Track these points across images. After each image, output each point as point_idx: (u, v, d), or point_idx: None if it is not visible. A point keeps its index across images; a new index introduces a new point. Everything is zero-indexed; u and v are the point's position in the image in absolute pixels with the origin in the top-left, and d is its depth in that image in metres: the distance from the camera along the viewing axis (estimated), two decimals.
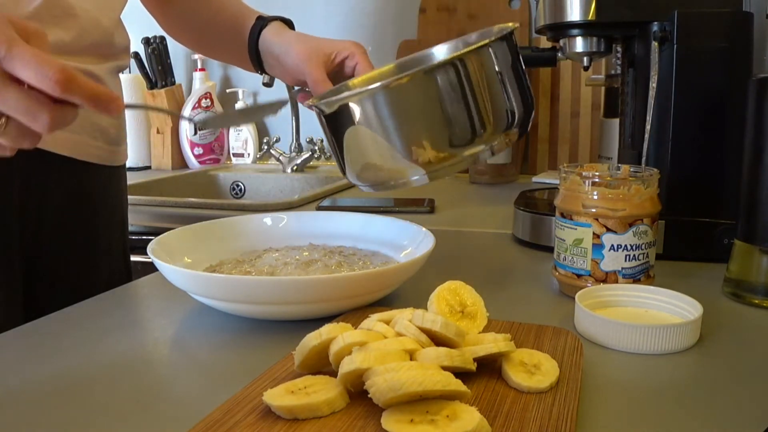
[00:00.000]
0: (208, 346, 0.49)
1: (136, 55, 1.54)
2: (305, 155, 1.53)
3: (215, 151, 1.65)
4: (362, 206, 1.01)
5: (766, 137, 0.55)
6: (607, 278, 0.56)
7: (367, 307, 0.53)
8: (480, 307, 0.45)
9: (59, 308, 0.57)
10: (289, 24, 0.82)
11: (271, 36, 0.80)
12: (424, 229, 0.62)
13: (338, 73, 0.74)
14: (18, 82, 0.42)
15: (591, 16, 0.73)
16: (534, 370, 0.39)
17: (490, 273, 0.68)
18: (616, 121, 0.83)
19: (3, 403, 0.39)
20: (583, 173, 0.57)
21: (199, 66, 1.64)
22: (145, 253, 0.54)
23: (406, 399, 0.34)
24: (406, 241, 0.64)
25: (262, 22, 0.81)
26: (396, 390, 0.33)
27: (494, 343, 0.40)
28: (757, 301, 0.56)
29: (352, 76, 0.74)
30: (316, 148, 1.54)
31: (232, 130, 1.67)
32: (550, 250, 0.61)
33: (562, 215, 0.58)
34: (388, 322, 0.41)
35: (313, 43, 0.76)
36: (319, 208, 1.01)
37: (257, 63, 0.81)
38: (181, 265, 0.55)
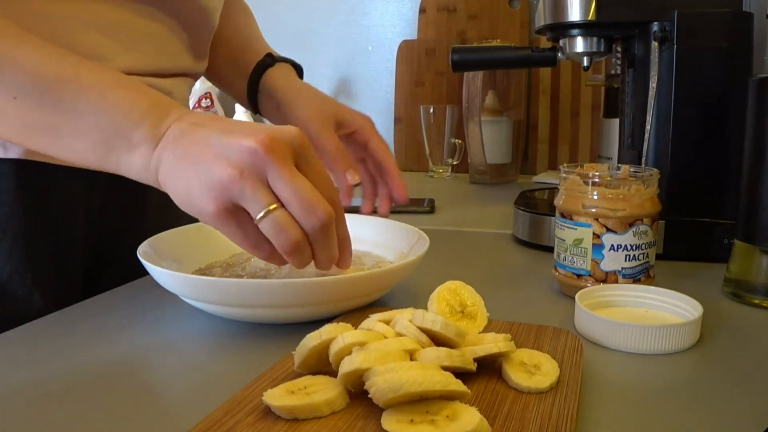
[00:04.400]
0: (206, 348, 0.49)
1: None
2: None
3: None
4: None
5: (766, 137, 0.55)
6: (607, 278, 0.56)
7: (367, 307, 0.53)
8: (480, 307, 0.45)
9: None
10: (299, 70, 0.78)
11: (276, 79, 0.75)
12: (418, 230, 0.62)
13: (344, 143, 0.72)
14: None
15: (591, 16, 0.73)
16: (534, 370, 0.39)
17: (490, 273, 0.68)
18: (616, 121, 0.83)
19: (3, 403, 0.39)
20: (583, 173, 0.57)
21: None
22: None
23: (407, 399, 0.34)
24: (399, 242, 0.63)
25: (270, 60, 0.76)
26: (396, 390, 0.33)
27: (494, 343, 0.40)
28: (757, 301, 0.56)
29: (363, 146, 0.73)
30: None
31: None
32: (550, 250, 0.61)
33: (562, 215, 0.58)
34: (388, 322, 0.41)
35: (325, 105, 0.72)
36: None
37: (252, 101, 0.77)
38: (171, 268, 0.54)
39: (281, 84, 0.75)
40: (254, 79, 0.76)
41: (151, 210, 0.76)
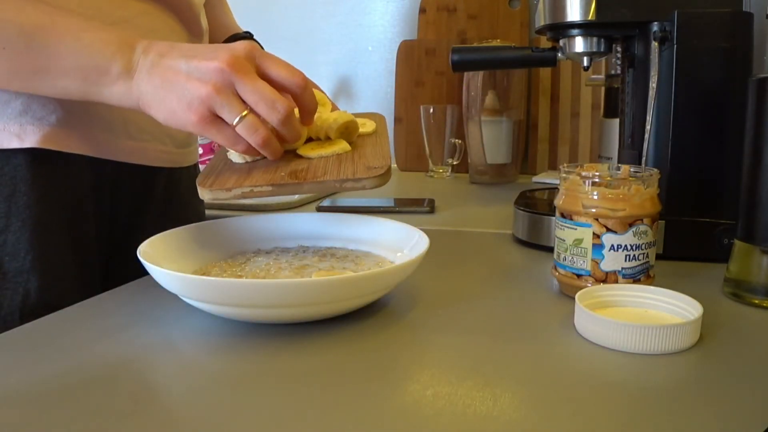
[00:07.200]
0: (206, 348, 0.49)
1: None
2: None
3: (216, 151, 1.65)
4: (362, 206, 1.01)
5: (766, 137, 0.55)
6: (607, 278, 0.56)
7: (367, 306, 0.53)
8: (327, 101, 0.72)
9: None
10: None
11: None
12: (418, 230, 0.62)
13: None
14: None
15: (591, 16, 0.73)
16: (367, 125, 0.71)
17: (490, 273, 0.68)
18: (616, 121, 0.83)
19: (3, 403, 0.39)
20: (583, 173, 0.57)
21: None
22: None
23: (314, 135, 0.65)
24: (399, 242, 0.63)
25: (250, 35, 0.90)
26: (312, 131, 0.65)
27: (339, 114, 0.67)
28: (757, 301, 0.56)
29: None
30: None
31: None
32: (550, 250, 0.61)
33: (562, 215, 0.58)
34: None
35: None
36: (319, 209, 1.01)
37: None
38: (171, 268, 0.54)
39: None
40: (226, 41, 0.87)
41: (153, 213, 0.77)
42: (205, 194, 0.59)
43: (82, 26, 0.57)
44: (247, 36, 0.90)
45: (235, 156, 0.64)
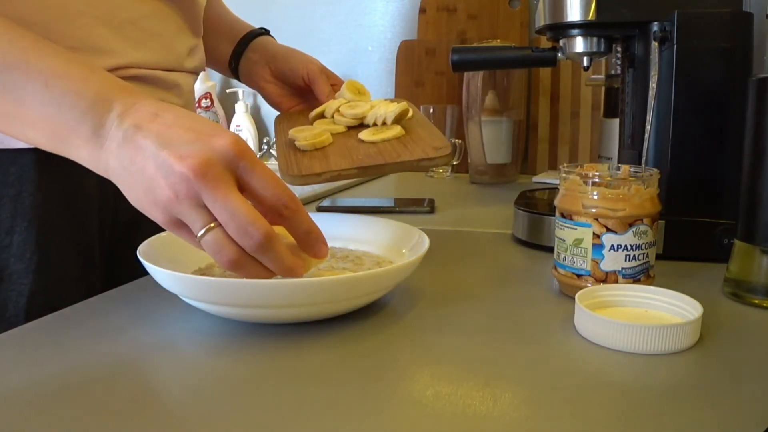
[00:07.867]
0: (206, 348, 0.49)
1: None
2: None
3: None
4: (362, 206, 1.01)
5: (766, 137, 0.55)
6: (607, 278, 0.56)
7: (367, 306, 0.52)
8: (365, 90, 0.78)
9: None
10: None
11: (271, 41, 0.90)
12: (418, 230, 0.62)
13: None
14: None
15: (591, 16, 0.73)
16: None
17: (490, 273, 0.68)
18: (616, 121, 0.83)
19: (3, 403, 0.39)
20: (583, 173, 0.57)
21: None
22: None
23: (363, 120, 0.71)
24: (399, 242, 0.63)
25: (266, 31, 0.92)
26: (371, 117, 0.71)
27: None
28: (757, 301, 0.56)
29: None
30: None
31: (233, 127, 1.67)
32: (550, 250, 0.61)
33: (562, 215, 0.58)
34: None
35: (318, 62, 0.87)
36: (319, 209, 1.01)
37: (235, 61, 0.88)
38: (171, 268, 0.54)
39: (277, 44, 0.89)
40: (247, 39, 0.88)
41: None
42: (296, 180, 0.61)
43: (59, 70, 0.50)
44: (263, 32, 0.90)
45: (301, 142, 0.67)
